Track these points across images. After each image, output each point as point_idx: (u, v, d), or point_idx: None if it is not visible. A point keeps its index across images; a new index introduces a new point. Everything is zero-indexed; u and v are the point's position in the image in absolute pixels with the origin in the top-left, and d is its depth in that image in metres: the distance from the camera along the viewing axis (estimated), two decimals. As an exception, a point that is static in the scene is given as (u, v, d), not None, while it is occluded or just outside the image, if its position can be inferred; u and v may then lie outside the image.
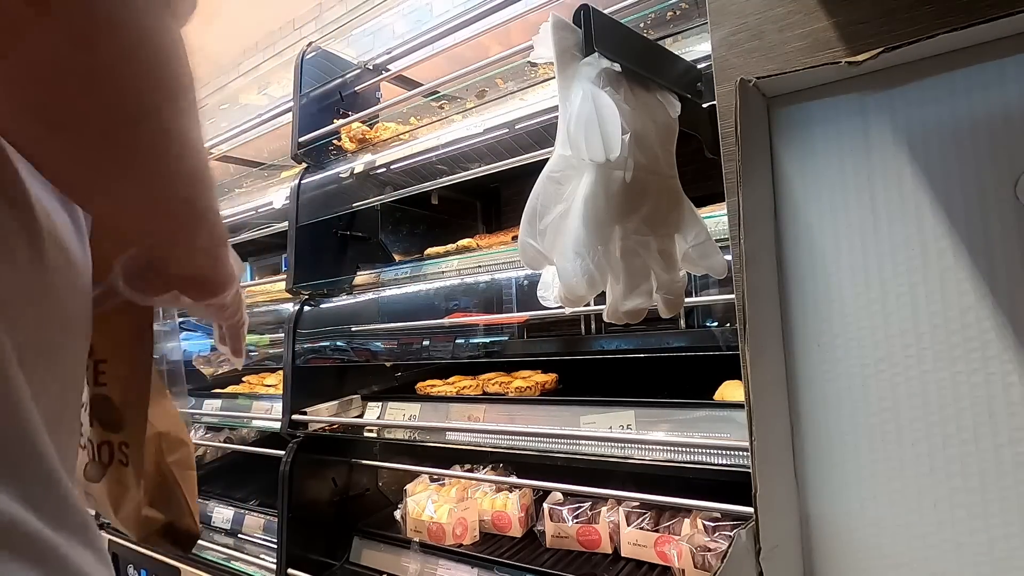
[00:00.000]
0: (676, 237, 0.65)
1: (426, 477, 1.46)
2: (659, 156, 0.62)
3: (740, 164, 0.52)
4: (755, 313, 0.52)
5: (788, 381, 0.55)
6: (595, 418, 1.03)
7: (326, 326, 1.50)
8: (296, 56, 1.55)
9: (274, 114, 1.79)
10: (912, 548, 0.48)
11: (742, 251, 0.52)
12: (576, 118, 0.54)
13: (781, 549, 0.51)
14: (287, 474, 1.34)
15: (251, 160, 2.19)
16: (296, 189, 1.48)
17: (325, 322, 1.50)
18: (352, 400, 1.44)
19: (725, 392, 0.98)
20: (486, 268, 1.23)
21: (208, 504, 1.79)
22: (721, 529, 1.01)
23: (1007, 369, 0.45)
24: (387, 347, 1.59)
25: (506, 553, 1.21)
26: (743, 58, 0.55)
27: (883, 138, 0.51)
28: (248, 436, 2.01)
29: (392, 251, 1.66)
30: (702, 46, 0.87)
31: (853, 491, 0.51)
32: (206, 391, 1.91)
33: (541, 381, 1.31)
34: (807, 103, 0.55)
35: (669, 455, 0.91)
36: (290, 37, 2.81)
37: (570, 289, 0.54)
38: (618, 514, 1.15)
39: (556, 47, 0.56)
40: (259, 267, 2.40)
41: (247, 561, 1.44)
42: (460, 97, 1.43)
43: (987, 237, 0.46)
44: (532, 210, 0.57)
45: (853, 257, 0.52)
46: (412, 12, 1.52)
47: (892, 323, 0.50)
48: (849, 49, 0.49)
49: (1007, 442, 0.45)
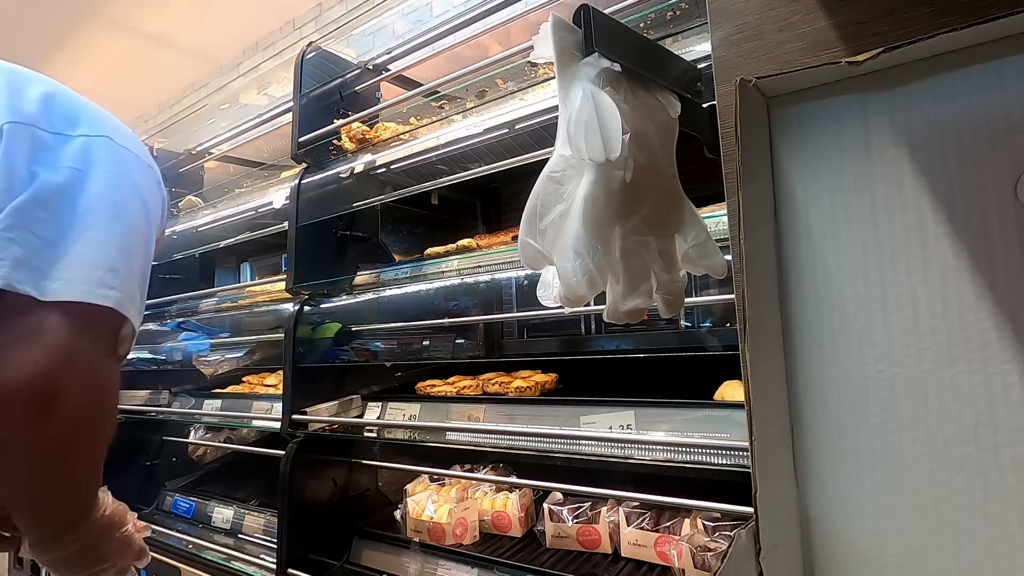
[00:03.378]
0: (676, 237, 0.65)
1: (426, 477, 1.46)
2: (659, 156, 0.62)
3: (740, 164, 0.52)
4: (755, 313, 0.52)
5: (788, 381, 0.55)
6: (595, 418, 1.03)
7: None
8: (296, 56, 1.55)
9: (274, 114, 1.79)
10: (912, 548, 0.48)
11: (742, 251, 0.52)
12: (576, 118, 0.54)
13: (781, 549, 0.51)
14: (287, 474, 1.34)
15: (251, 160, 2.19)
16: (296, 189, 1.48)
17: (325, 322, 1.50)
18: (352, 400, 1.44)
19: (725, 392, 0.98)
20: (486, 268, 1.23)
21: (208, 504, 1.79)
22: (721, 529, 1.01)
23: (1007, 369, 0.45)
24: (387, 347, 1.59)
25: (506, 553, 1.21)
26: (743, 58, 0.55)
27: (883, 138, 0.51)
28: (248, 436, 2.01)
29: (392, 251, 1.65)
30: (702, 46, 0.87)
31: (853, 491, 0.51)
32: (206, 391, 1.91)
33: (541, 381, 1.31)
34: (807, 103, 0.55)
35: (669, 455, 0.91)
36: (290, 37, 2.81)
37: (570, 289, 0.54)
38: (618, 514, 1.15)
39: (556, 47, 0.56)
40: (259, 267, 2.40)
41: (247, 561, 1.44)
42: (460, 97, 1.42)
43: (987, 237, 0.46)
44: (532, 210, 0.57)
45: (853, 257, 0.52)
46: (412, 12, 1.52)
47: (892, 323, 0.50)
48: (849, 49, 0.49)
49: (1007, 442, 0.45)
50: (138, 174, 0.69)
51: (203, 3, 2.67)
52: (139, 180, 0.69)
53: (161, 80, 3.36)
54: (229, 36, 2.93)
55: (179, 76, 3.35)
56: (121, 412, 1.99)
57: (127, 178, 0.67)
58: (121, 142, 0.68)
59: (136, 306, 0.64)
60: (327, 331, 1.45)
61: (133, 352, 2.10)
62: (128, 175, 0.67)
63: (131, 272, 0.63)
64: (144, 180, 0.70)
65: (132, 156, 0.69)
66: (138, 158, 0.70)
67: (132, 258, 0.64)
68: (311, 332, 1.46)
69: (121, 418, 1.99)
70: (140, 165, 0.70)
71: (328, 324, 1.46)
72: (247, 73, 3.02)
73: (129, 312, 0.62)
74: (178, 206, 2.13)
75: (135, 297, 0.64)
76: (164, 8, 2.70)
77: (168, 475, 2.04)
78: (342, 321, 1.51)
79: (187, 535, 1.66)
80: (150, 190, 0.71)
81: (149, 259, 0.70)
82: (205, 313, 1.94)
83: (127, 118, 3.85)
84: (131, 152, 0.69)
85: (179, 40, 2.95)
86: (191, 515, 1.82)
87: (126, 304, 0.61)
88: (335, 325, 1.47)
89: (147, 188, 0.70)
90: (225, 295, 1.92)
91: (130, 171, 0.68)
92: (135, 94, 3.52)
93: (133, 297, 0.63)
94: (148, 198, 0.70)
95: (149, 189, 0.71)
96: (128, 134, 0.71)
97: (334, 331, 1.46)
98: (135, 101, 3.64)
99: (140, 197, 0.68)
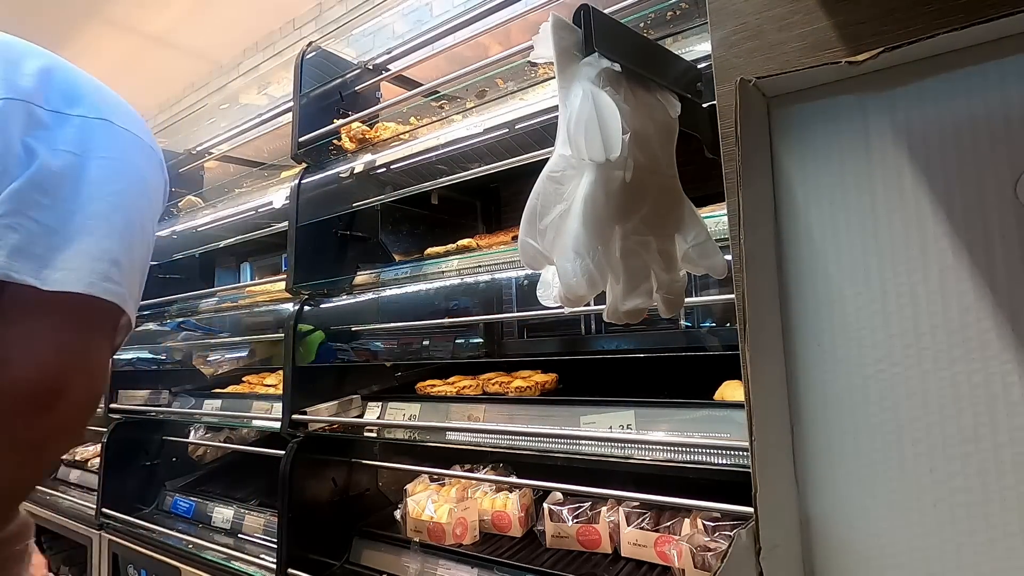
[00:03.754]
0: (676, 237, 0.65)
1: (426, 477, 1.46)
2: (659, 156, 0.62)
3: (740, 164, 0.52)
4: (755, 313, 0.52)
5: (788, 381, 0.55)
6: (595, 418, 1.03)
7: (326, 326, 1.50)
8: (296, 56, 1.55)
9: (274, 114, 1.79)
10: (912, 548, 0.48)
11: (742, 251, 0.52)
12: (576, 118, 0.54)
13: (781, 549, 0.51)
14: (287, 474, 1.34)
15: (251, 160, 2.19)
16: (296, 189, 1.48)
17: (325, 322, 1.50)
18: (352, 400, 1.44)
19: (725, 392, 0.98)
20: (486, 268, 1.23)
21: (208, 504, 1.79)
22: (721, 529, 1.01)
23: (1007, 369, 0.45)
24: (387, 347, 1.59)
25: (506, 553, 1.21)
26: (743, 58, 0.55)
27: (883, 138, 0.51)
28: (248, 436, 2.01)
29: (392, 251, 1.65)
30: (702, 46, 0.87)
31: (853, 491, 0.51)
32: (206, 391, 1.91)
33: (541, 381, 1.31)
34: (807, 103, 0.55)
35: (669, 455, 0.91)
36: (290, 37, 2.81)
37: (570, 289, 0.54)
38: (618, 514, 1.15)
39: (556, 47, 0.55)
40: (259, 267, 2.41)
41: (247, 561, 1.44)
42: (460, 97, 1.43)
43: (987, 237, 0.46)
44: (532, 210, 0.57)
45: (853, 257, 0.52)
46: (412, 12, 1.52)
47: (892, 323, 0.50)
48: (849, 49, 0.49)
49: (1007, 442, 0.45)
50: (140, 158, 0.67)
51: (203, 3, 2.67)
52: (141, 165, 0.66)
53: (161, 80, 3.36)
54: (229, 36, 2.93)
55: (179, 76, 3.35)
56: (121, 412, 1.99)
57: (129, 164, 0.65)
58: (122, 124, 0.66)
59: (135, 299, 0.63)
60: (311, 344, 1.44)
61: (133, 352, 2.10)
62: (130, 160, 0.65)
63: (132, 264, 0.62)
64: (147, 164, 0.67)
65: (133, 138, 0.66)
66: (139, 139, 0.67)
67: (133, 249, 0.62)
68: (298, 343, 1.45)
69: (121, 418, 1.99)
70: (142, 148, 0.67)
71: (311, 337, 1.45)
72: (247, 73, 3.02)
73: (128, 306, 0.61)
74: (178, 206, 2.13)
75: (135, 290, 0.63)
76: (164, 8, 2.70)
77: (168, 475, 2.04)
78: (342, 321, 1.51)
79: (187, 535, 1.66)
80: (153, 175, 0.69)
81: (150, 248, 0.68)
82: (205, 313, 1.94)
83: (127, 118, 3.86)
84: (132, 134, 0.66)
85: (179, 40, 2.95)
86: (191, 515, 1.82)
87: (127, 298, 0.60)
88: (318, 336, 1.46)
89: (150, 173, 0.68)
90: (225, 295, 1.92)
91: (132, 156, 0.65)
92: (135, 94, 3.51)
93: (133, 290, 0.62)
94: (151, 184, 0.68)
95: (152, 174, 0.68)
96: (130, 114, 0.69)
97: (317, 343, 1.45)
98: (135, 101, 3.57)
99: (143, 184, 0.66)
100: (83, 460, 2.28)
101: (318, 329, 1.46)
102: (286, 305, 1.56)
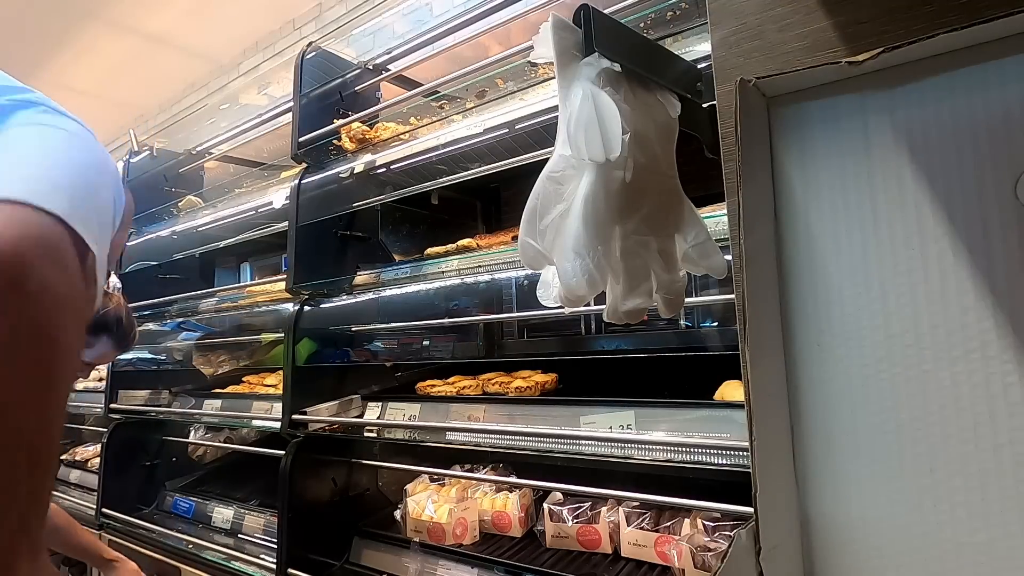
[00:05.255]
0: (676, 237, 0.65)
1: (426, 477, 1.46)
2: (659, 156, 0.62)
3: (740, 164, 0.52)
4: (755, 313, 0.52)
5: (788, 381, 0.55)
6: (595, 418, 1.03)
7: (326, 326, 1.50)
8: (296, 56, 1.55)
9: (274, 114, 1.79)
10: (912, 548, 0.48)
11: (742, 251, 0.52)
12: (576, 118, 0.54)
13: (781, 549, 0.51)
14: (287, 474, 1.34)
15: (251, 160, 2.19)
16: (296, 189, 1.48)
17: (325, 322, 1.50)
18: (352, 400, 1.44)
19: (725, 392, 0.98)
20: (486, 268, 1.23)
21: (208, 504, 1.79)
22: (721, 529, 1.01)
23: (1007, 369, 0.45)
24: (387, 347, 1.59)
25: (506, 553, 1.21)
26: (743, 58, 0.55)
27: (883, 138, 0.51)
28: (248, 436, 2.01)
29: (392, 251, 1.66)
30: (702, 46, 0.87)
31: (853, 491, 0.51)
32: (206, 391, 1.91)
33: (541, 381, 1.31)
34: (807, 103, 0.55)
35: (669, 455, 0.91)
36: (290, 37, 2.81)
37: (570, 289, 0.54)
38: (618, 514, 1.15)
39: (556, 47, 0.56)
40: (259, 267, 2.40)
41: (247, 561, 1.44)
42: (460, 97, 1.43)
43: (987, 237, 0.46)
44: (532, 210, 0.57)
45: (853, 257, 0.52)
46: (412, 12, 1.52)
47: (892, 323, 0.50)
48: (849, 49, 0.49)
49: (1007, 442, 0.45)
50: (74, 125, 0.58)
51: (203, 3, 2.66)
52: (79, 131, 0.58)
53: (161, 80, 3.36)
54: (229, 36, 2.93)
55: (179, 76, 3.35)
56: (121, 412, 1.99)
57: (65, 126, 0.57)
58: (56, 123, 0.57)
59: (94, 234, 0.52)
60: (300, 353, 1.43)
61: (133, 352, 2.10)
62: (61, 125, 0.57)
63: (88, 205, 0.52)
64: (82, 130, 0.59)
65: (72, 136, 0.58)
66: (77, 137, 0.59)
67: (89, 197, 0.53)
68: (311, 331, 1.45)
69: (121, 418, 1.99)
70: (73, 121, 0.59)
71: (299, 346, 1.44)
72: (247, 73, 3.02)
73: (84, 233, 0.50)
74: (178, 206, 2.13)
75: (93, 229, 0.52)
76: (164, 8, 2.70)
77: (168, 475, 2.05)
78: (342, 321, 1.51)
79: (187, 535, 1.66)
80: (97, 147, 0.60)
81: (110, 221, 0.58)
82: (205, 313, 1.94)
83: (127, 118, 3.85)
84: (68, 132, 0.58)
85: (179, 40, 2.95)
86: (191, 515, 1.82)
87: (76, 221, 0.49)
88: (308, 345, 1.46)
89: (92, 141, 0.59)
90: (225, 295, 1.92)
91: (62, 122, 0.57)
92: (135, 94, 3.53)
93: (90, 226, 0.52)
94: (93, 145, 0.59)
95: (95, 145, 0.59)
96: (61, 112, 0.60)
97: (306, 354, 1.45)
98: (135, 101, 3.64)
99: (85, 140, 0.58)
100: (83, 460, 2.29)
101: (308, 338, 1.45)
102: (286, 305, 1.56)
